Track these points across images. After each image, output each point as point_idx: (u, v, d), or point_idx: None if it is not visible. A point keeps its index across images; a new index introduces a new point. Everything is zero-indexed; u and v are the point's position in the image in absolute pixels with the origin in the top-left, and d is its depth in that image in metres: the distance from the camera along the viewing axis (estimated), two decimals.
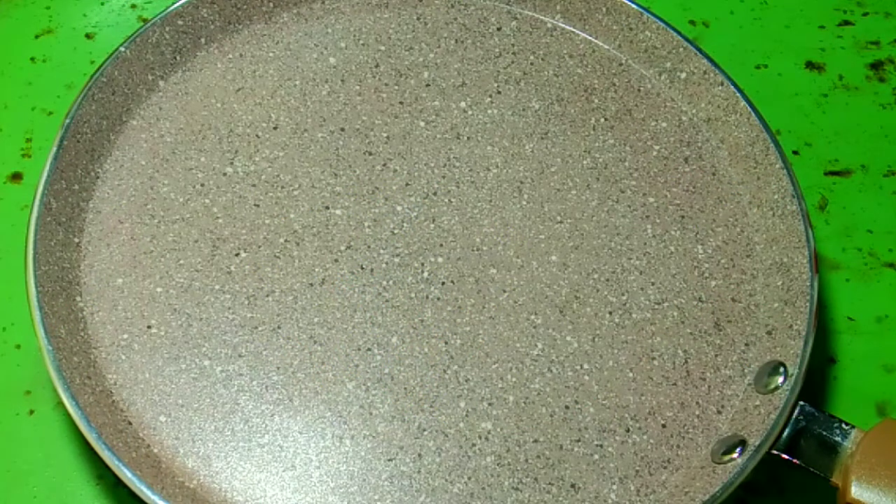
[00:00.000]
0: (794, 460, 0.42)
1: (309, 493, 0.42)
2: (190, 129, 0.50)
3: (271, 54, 0.53)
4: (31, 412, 0.46)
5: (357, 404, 0.44)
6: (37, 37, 0.56)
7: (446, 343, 0.46)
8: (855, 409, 0.48)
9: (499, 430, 0.44)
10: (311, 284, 0.47)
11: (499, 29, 0.54)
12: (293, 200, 0.49)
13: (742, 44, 0.59)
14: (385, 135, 0.51)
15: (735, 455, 0.43)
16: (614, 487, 0.43)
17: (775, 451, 0.42)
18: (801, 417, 0.42)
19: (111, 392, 0.44)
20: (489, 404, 0.45)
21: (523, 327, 0.46)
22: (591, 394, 0.45)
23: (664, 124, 0.52)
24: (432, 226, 0.49)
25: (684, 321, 0.47)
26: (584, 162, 0.51)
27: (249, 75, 0.52)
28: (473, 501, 0.43)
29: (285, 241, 0.48)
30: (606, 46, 0.54)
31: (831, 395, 0.49)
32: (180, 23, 0.51)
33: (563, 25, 0.54)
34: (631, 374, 0.46)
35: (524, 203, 0.49)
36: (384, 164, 0.50)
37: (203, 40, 0.52)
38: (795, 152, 0.55)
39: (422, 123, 0.51)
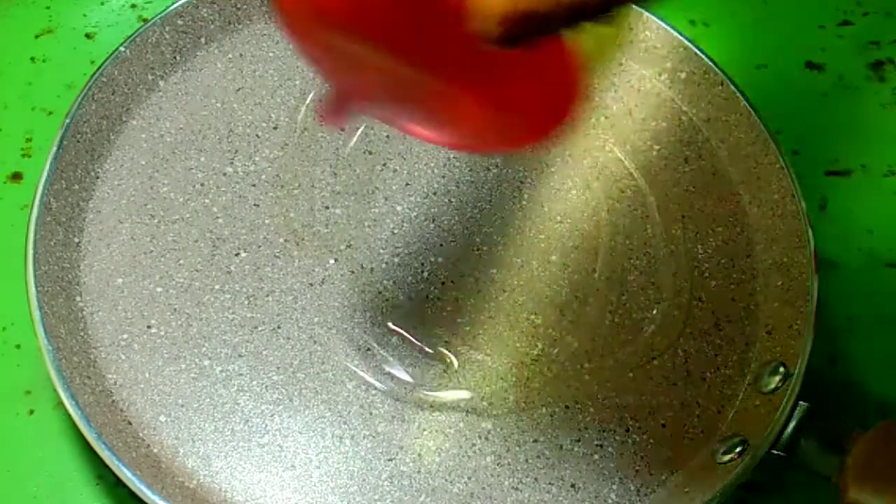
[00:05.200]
0: (794, 460, 0.42)
1: (309, 493, 0.42)
2: (190, 129, 0.50)
3: (271, 54, 0.53)
4: (31, 412, 0.46)
5: (357, 404, 0.44)
6: (37, 37, 0.56)
7: (446, 343, 0.46)
8: (855, 409, 0.48)
9: (499, 430, 0.44)
10: (311, 284, 0.47)
11: None
12: (293, 200, 0.49)
13: (742, 44, 0.59)
14: (385, 134, 0.51)
15: (735, 455, 0.43)
16: (614, 487, 0.43)
17: (775, 451, 0.42)
18: (802, 417, 0.43)
19: (111, 392, 0.44)
20: (489, 404, 0.45)
21: (523, 327, 0.46)
22: (591, 394, 0.45)
23: (664, 124, 0.52)
24: (432, 226, 0.49)
25: (684, 321, 0.47)
26: (584, 162, 0.51)
27: (249, 75, 0.52)
28: (473, 501, 0.43)
29: (285, 240, 0.48)
30: None
31: (831, 395, 0.49)
32: (180, 23, 0.51)
33: None
34: (631, 374, 0.46)
35: (524, 203, 0.49)
36: (384, 164, 0.50)
37: (203, 40, 0.52)
38: (795, 152, 0.55)
39: None
